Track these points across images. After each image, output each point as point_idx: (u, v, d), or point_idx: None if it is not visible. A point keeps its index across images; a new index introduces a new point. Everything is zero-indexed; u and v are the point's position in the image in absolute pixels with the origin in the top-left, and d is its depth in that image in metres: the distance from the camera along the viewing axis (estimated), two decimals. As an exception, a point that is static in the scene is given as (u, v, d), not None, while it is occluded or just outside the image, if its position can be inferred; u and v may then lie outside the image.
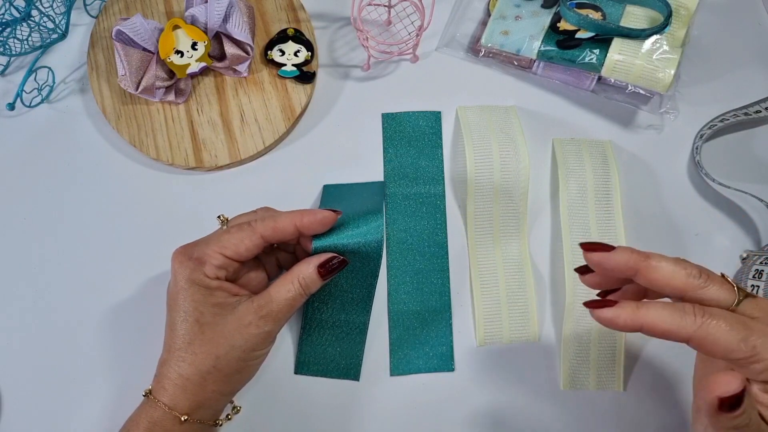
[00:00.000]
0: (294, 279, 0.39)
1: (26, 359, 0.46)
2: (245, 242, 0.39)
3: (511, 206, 0.48)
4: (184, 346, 0.38)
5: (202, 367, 0.38)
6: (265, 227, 0.40)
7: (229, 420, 0.43)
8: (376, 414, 0.45)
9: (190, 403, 0.38)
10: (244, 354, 0.39)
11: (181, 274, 0.39)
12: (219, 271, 0.39)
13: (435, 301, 0.47)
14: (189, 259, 0.39)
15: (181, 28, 0.48)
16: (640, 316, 0.31)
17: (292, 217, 0.40)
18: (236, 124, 0.50)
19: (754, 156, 0.52)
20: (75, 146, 0.50)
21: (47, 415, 0.45)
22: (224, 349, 0.38)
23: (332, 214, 0.40)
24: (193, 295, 0.38)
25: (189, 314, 0.38)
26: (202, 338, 0.38)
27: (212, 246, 0.39)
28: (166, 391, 0.38)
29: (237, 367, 0.39)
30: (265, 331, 0.39)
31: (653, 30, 0.48)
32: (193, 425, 0.39)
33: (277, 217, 0.40)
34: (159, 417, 0.38)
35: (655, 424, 0.46)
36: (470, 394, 0.46)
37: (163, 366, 0.39)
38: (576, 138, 0.51)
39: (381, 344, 0.47)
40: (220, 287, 0.39)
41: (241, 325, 0.38)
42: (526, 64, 0.52)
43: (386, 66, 0.53)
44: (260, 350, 0.40)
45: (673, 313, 0.31)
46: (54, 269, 0.47)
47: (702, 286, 0.32)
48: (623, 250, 0.33)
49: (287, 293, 0.39)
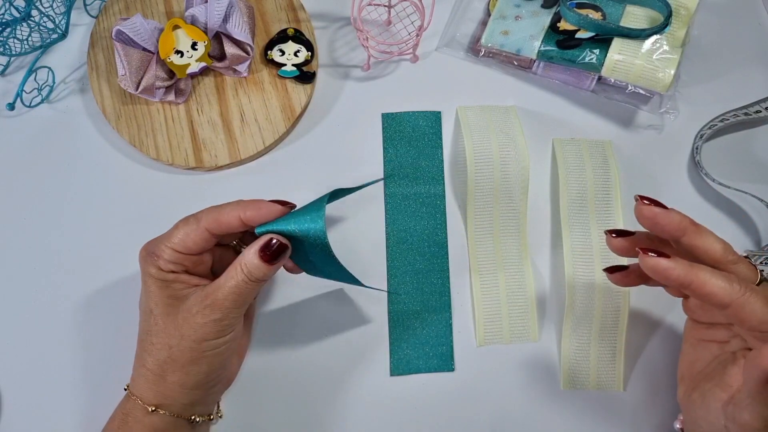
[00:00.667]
0: (237, 266, 0.38)
1: (26, 359, 0.46)
2: (191, 236, 0.39)
3: (511, 206, 0.48)
4: (145, 337, 0.39)
5: (158, 357, 0.39)
6: (209, 220, 0.39)
7: (212, 421, 0.42)
8: (376, 414, 0.45)
9: (154, 394, 0.39)
10: (195, 344, 0.38)
11: (141, 268, 0.40)
12: (173, 266, 0.39)
13: (435, 301, 0.48)
14: (148, 254, 0.40)
15: (181, 28, 0.48)
16: (692, 273, 0.34)
17: (237, 210, 0.39)
18: (236, 124, 0.50)
19: (754, 156, 0.52)
20: (75, 146, 0.50)
21: (47, 414, 0.45)
22: (175, 339, 0.38)
23: (279, 207, 0.39)
24: (149, 287, 0.39)
25: (148, 307, 0.39)
26: (156, 329, 0.39)
27: (163, 240, 0.39)
28: (135, 382, 0.40)
29: (191, 356, 0.38)
30: (211, 319, 0.38)
31: (653, 30, 0.48)
32: (164, 417, 0.39)
33: (221, 209, 0.39)
34: (131, 407, 0.39)
35: (655, 424, 0.46)
36: (470, 394, 0.46)
37: (135, 358, 0.41)
38: (576, 138, 0.51)
39: (381, 344, 0.47)
40: (176, 279, 0.39)
41: (189, 314, 0.38)
42: (526, 64, 0.52)
43: (386, 66, 0.53)
44: (212, 340, 0.38)
45: (722, 278, 0.33)
46: (54, 269, 0.48)
47: (734, 261, 0.35)
48: (677, 211, 0.36)
49: (231, 280, 0.38)
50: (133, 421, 0.39)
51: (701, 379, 0.38)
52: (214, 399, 0.43)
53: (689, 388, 0.39)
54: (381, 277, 0.48)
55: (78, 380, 0.45)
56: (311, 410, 0.45)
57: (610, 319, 0.46)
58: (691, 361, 0.40)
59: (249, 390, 0.45)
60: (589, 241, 0.47)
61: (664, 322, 0.48)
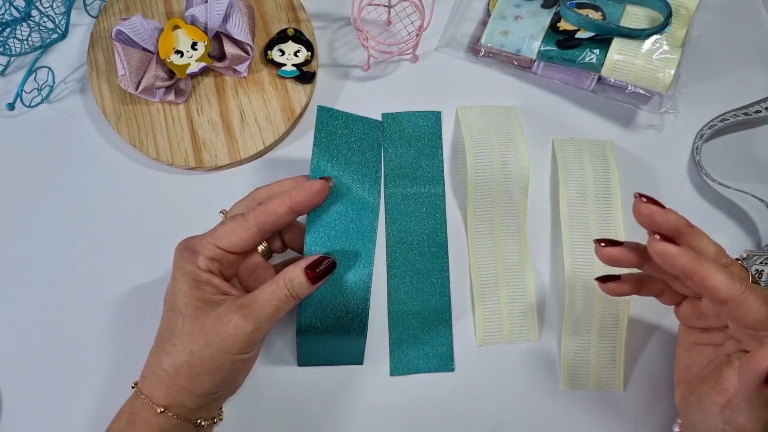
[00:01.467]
0: (280, 280, 0.38)
1: (26, 359, 0.46)
2: (238, 231, 0.39)
3: (511, 206, 0.48)
4: (166, 336, 0.38)
5: (176, 359, 0.38)
6: (257, 215, 0.39)
7: (213, 424, 0.42)
8: (376, 414, 0.45)
9: (164, 395, 0.38)
10: (217, 354, 0.37)
11: (175, 264, 0.39)
12: (211, 263, 0.39)
13: (435, 301, 0.47)
14: (185, 250, 0.39)
15: (181, 28, 0.48)
16: (698, 263, 0.34)
17: (283, 199, 0.39)
18: (236, 124, 0.50)
19: (754, 156, 0.52)
20: (75, 146, 0.50)
21: (47, 413, 0.45)
22: (199, 345, 0.37)
23: (324, 183, 0.39)
24: (180, 285, 0.38)
25: (175, 305, 0.38)
26: (181, 330, 0.38)
27: (207, 237, 0.39)
28: (146, 380, 0.39)
29: (209, 367, 0.37)
30: (244, 332, 0.37)
31: (653, 30, 0.48)
32: (171, 419, 0.38)
33: (268, 203, 0.39)
34: (138, 406, 0.38)
35: (655, 424, 0.46)
36: (470, 394, 0.46)
37: (149, 356, 0.39)
38: (576, 138, 0.51)
39: (381, 344, 0.47)
40: (208, 281, 0.39)
41: (220, 322, 0.37)
42: (526, 64, 0.52)
43: (386, 66, 0.53)
44: (235, 354, 0.38)
45: (725, 274, 0.34)
46: (54, 269, 0.47)
47: (728, 263, 0.36)
48: (674, 212, 0.36)
49: (272, 294, 0.38)
50: (140, 422, 0.38)
51: (697, 383, 0.38)
52: (218, 405, 0.43)
53: (686, 391, 0.39)
54: (381, 277, 0.48)
55: (78, 380, 0.45)
56: (311, 411, 0.45)
57: (610, 319, 0.46)
58: (687, 365, 0.40)
59: (249, 390, 0.45)
60: (590, 241, 0.47)
61: (665, 321, 0.47)
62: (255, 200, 0.42)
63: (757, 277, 0.46)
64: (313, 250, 0.40)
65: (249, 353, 0.39)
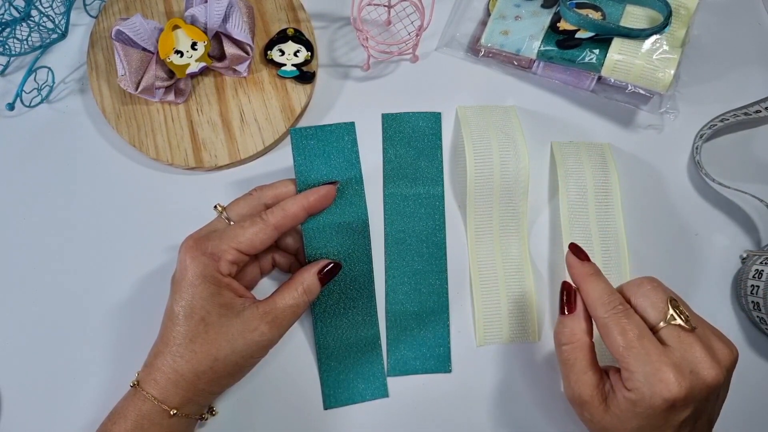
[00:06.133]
0: (298, 286, 0.40)
1: (27, 359, 0.46)
2: (260, 236, 0.40)
3: (511, 206, 0.48)
4: (185, 342, 0.38)
5: (199, 366, 0.38)
6: (277, 217, 0.40)
7: (205, 420, 0.43)
8: (375, 414, 0.45)
9: (180, 399, 0.38)
10: (242, 360, 0.39)
11: (193, 269, 0.38)
12: (232, 267, 0.40)
13: (433, 302, 0.47)
14: (203, 254, 0.39)
15: (180, 28, 0.48)
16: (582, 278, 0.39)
17: (300, 201, 0.41)
18: (236, 124, 0.50)
19: (754, 156, 0.52)
20: (75, 146, 0.50)
21: (47, 413, 0.45)
22: (224, 352, 0.38)
23: (332, 186, 0.43)
24: (201, 292, 0.38)
25: (195, 311, 0.38)
26: (205, 338, 0.38)
27: (226, 241, 0.39)
28: (158, 384, 0.38)
29: (232, 370, 0.39)
30: (267, 338, 0.39)
31: (653, 30, 0.48)
32: (182, 419, 0.39)
33: (285, 206, 0.41)
34: (148, 410, 0.38)
35: (655, 424, 0.46)
36: (470, 395, 0.46)
37: (157, 357, 0.39)
38: (574, 141, 0.51)
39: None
40: (228, 285, 0.39)
41: (246, 330, 0.38)
42: (526, 64, 0.52)
43: (386, 66, 0.53)
44: (257, 357, 0.40)
45: (604, 294, 0.37)
46: (54, 269, 0.47)
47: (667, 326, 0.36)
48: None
49: (292, 300, 0.40)
50: (150, 424, 0.38)
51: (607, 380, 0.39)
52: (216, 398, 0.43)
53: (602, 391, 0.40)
54: (379, 277, 0.48)
55: (78, 380, 0.45)
56: (308, 411, 0.45)
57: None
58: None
59: (249, 390, 0.45)
60: (590, 242, 0.47)
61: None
62: (260, 200, 0.43)
63: (757, 277, 0.46)
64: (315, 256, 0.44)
65: (266, 355, 0.41)
